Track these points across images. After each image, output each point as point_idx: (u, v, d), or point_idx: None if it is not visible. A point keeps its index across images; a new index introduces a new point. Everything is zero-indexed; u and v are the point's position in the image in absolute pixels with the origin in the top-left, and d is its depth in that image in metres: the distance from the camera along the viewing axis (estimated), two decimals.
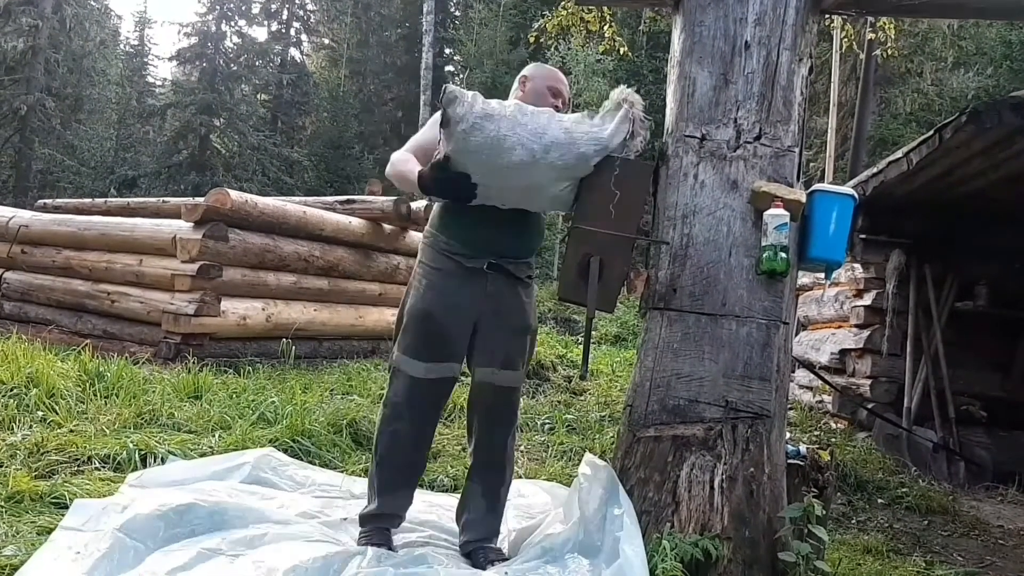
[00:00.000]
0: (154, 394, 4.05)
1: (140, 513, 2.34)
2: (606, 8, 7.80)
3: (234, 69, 26.32)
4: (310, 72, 30.74)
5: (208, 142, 24.04)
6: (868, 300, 5.96)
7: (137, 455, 3.13)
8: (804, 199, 2.41)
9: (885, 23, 8.83)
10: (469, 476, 2.68)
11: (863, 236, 5.67)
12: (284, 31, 30.68)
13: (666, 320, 2.48)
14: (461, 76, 24.25)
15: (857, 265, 6.01)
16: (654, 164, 2.58)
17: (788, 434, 2.71)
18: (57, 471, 2.91)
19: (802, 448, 2.66)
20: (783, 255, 2.33)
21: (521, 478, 3.55)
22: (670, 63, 2.69)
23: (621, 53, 8.79)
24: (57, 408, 3.55)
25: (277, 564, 2.18)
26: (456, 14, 30.10)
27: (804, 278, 7.00)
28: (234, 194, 5.79)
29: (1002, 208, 5.05)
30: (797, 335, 7.07)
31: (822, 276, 3.05)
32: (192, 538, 2.35)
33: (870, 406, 5.68)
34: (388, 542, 2.51)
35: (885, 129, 18.01)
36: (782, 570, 2.28)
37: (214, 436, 3.57)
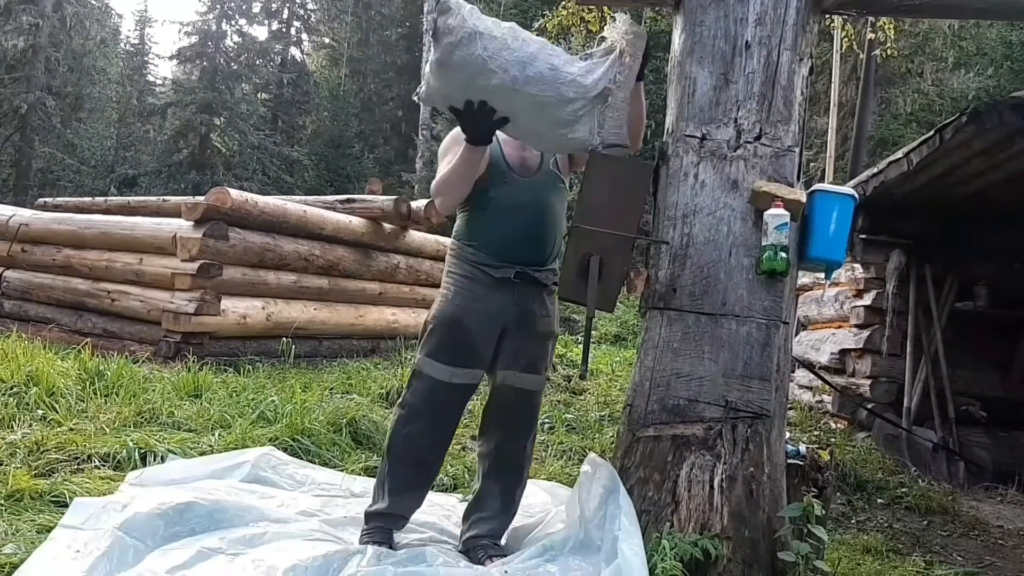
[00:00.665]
0: (154, 393, 4.05)
1: (140, 512, 2.34)
2: (607, 8, 7.78)
3: (234, 68, 26.30)
4: (310, 71, 30.74)
5: (208, 141, 24.03)
6: (868, 300, 5.96)
7: (137, 454, 3.13)
8: (804, 199, 2.41)
9: (885, 23, 8.83)
10: (486, 476, 2.67)
11: (863, 236, 5.67)
12: (284, 30, 30.66)
13: (666, 320, 2.48)
14: None
15: (857, 265, 6.01)
16: (654, 163, 2.59)
17: (788, 434, 2.71)
18: (57, 469, 2.91)
19: (802, 448, 2.66)
20: (783, 255, 2.33)
21: None
22: (670, 63, 2.70)
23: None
24: (57, 407, 3.55)
25: (277, 563, 2.18)
26: None
27: (804, 278, 7.00)
28: (234, 193, 5.80)
29: (1002, 208, 5.05)
30: (797, 335, 7.07)
31: (822, 276, 3.05)
32: (192, 537, 2.35)
33: (870, 406, 5.68)
34: (389, 541, 2.51)
35: (885, 129, 18.00)
36: (781, 570, 2.28)
37: (214, 435, 3.57)
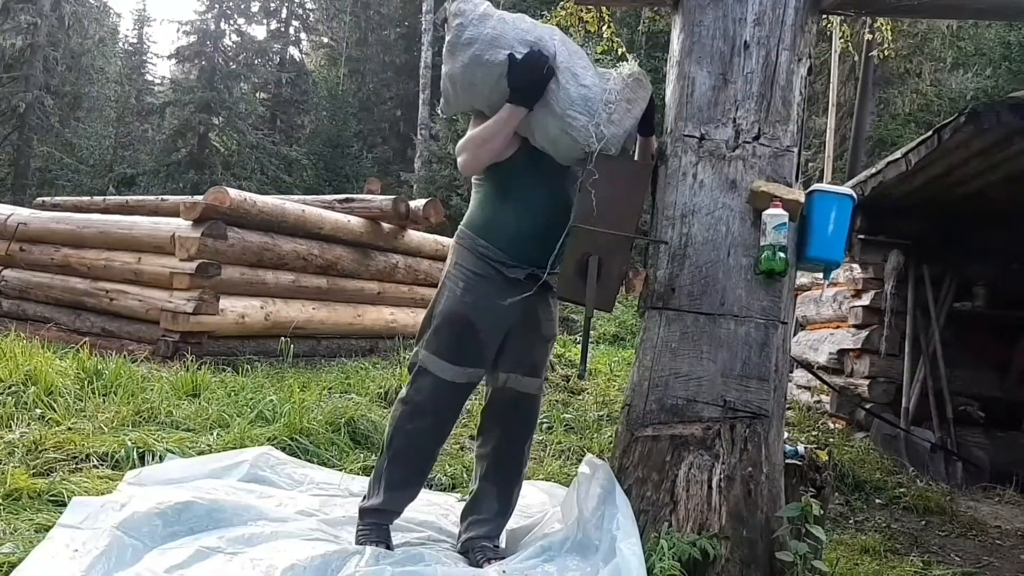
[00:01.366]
0: (152, 392, 4.05)
1: (138, 511, 2.34)
2: (605, 8, 7.77)
3: (233, 67, 26.27)
4: (309, 71, 30.71)
5: (207, 140, 24.00)
6: (866, 300, 5.96)
7: (135, 453, 3.13)
8: (803, 199, 2.41)
9: (883, 24, 8.84)
10: (484, 477, 2.66)
11: (861, 236, 5.68)
12: (283, 30, 30.66)
13: (664, 319, 2.48)
14: None
15: (855, 265, 6.02)
16: (653, 163, 2.59)
17: (786, 434, 2.72)
18: (55, 469, 2.91)
19: (800, 448, 2.66)
20: (782, 255, 2.33)
21: None
22: (669, 63, 2.69)
23: (619, 53, 8.77)
24: (55, 406, 3.54)
25: (275, 562, 2.18)
26: None
27: (803, 278, 7.00)
28: (233, 192, 5.79)
29: (1000, 209, 5.06)
30: (795, 335, 7.08)
31: (820, 276, 3.05)
32: (190, 536, 2.35)
33: (868, 406, 5.69)
34: (387, 540, 2.51)
35: (884, 129, 18.00)
36: (780, 569, 2.28)
37: (212, 434, 3.57)
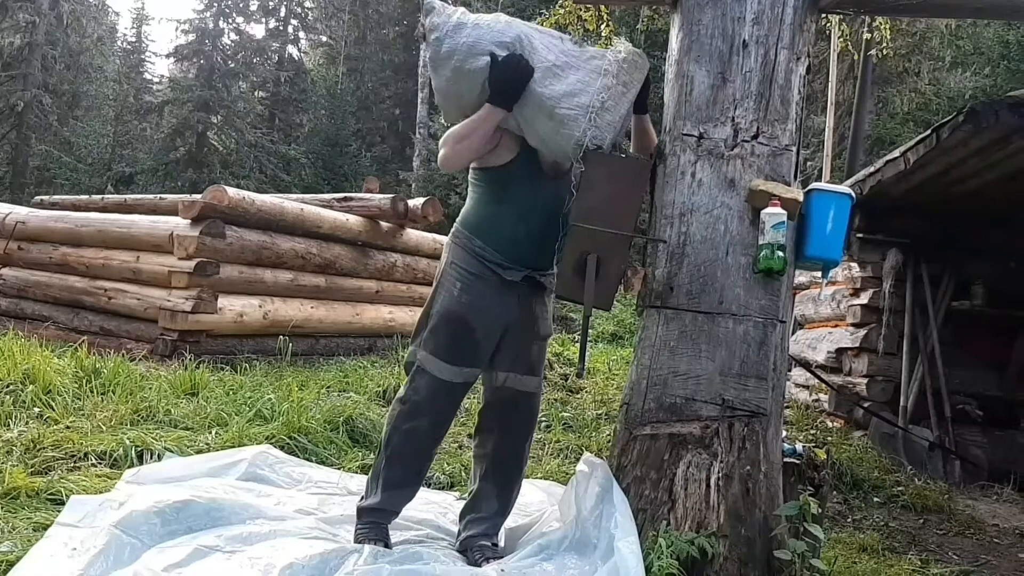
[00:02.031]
0: (151, 391, 4.05)
1: (136, 510, 2.34)
2: (604, 7, 7.78)
3: (232, 66, 26.24)
4: (308, 69, 30.67)
5: (205, 139, 23.96)
6: (865, 299, 5.96)
7: (134, 452, 3.13)
8: (801, 198, 2.41)
9: (882, 23, 8.84)
10: (484, 477, 2.67)
11: (860, 235, 5.68)
12: (282, 28, 30.62)
13: (663, 318, 2.48)
14: None
15: (854, 264, 6.02)
16: (651, 162, 2.59)
17: (784, 432, 2.72)
18: (53, 467, 2.91)
19: (798, 446, 2.66)
20: (780, 254, 2.33)
21: None
22: (668, 62, 2.70)
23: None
24: (53, 404, 3.54)
25: (274, 561, 2.18)
26: None
27: (801, 277, 7.00)
28: (231, 191, 5.79)
29: (999, 208, 5.06)
30: (794, 334, 7.08)
31: (819, 275, 3.05)
32: (189, 535, 2.35)
33: (866, 405, 5.69)
34: (385, 539, 2.51)
35: (882, 128, 17.99)
36: (778, 568, 2.28)
37: (211, 433, 3.57)
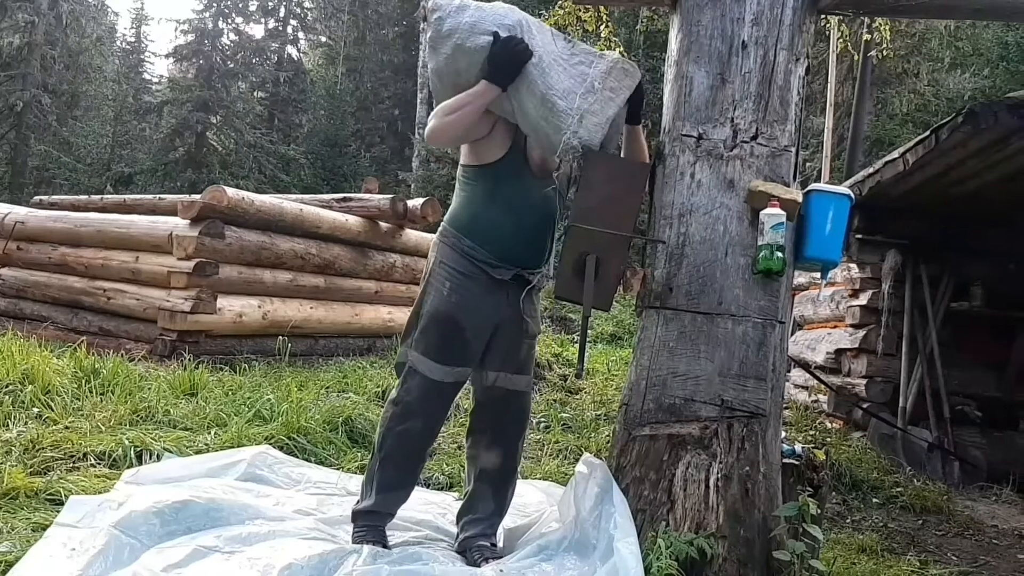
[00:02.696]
0: (150, 391, 4.05)
1: (136, 510, 2.34)
2: (603, 7, 7.77)
3: (231, 66, 26.26)
4: (307, 70, 30.70)
5: (205, 139, 23.97)
6: (864, 300, 5.96)
7: (133, 452, 3.13)
8: (800, 199, 2.42)
9: (881, 24, 8.85)
10: (478, 477, 2.67)
11: (859, 236, 5.68)
12: (281, 28, 30.63)
13: (662, 319, 2.48)
14: None
15: (853, 265, 6.02)
16: (651, 163, 2.59)
17: (784, 433, 2.72)
18: (52, 468, 2.91)
19: (797, 447, 2.66)
20: (779, 254, 2.33)
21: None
22: (667, 63, 2.70)
23: (617, 53, 8.76)
24: (52, 405, 3.54)
25: (273, 561, 2.18)
26: None
27: (800, 278, 7.01)
28: (230, 191, 5.78)
29: (998, 209, 5.06)
30: (793, 334, 7.08)
31: (818, 276, 3.06)
32: (188, 535, 2.35)
33: (865, 406, 5.69)
34: (383, 540, 2.51)
35: (881, 129, 18.01)
36: (777, 568, 2.28)
37: (210, 433, 3.57)
